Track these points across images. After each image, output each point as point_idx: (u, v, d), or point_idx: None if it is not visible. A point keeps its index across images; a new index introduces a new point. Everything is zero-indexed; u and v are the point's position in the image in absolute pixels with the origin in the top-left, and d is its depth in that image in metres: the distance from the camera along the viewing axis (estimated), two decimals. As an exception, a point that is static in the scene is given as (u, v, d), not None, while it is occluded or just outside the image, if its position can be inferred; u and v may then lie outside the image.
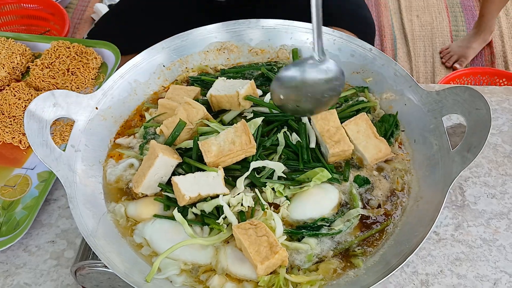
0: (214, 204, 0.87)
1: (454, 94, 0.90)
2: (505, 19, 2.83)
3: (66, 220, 1.01)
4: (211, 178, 0.88)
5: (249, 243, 0.80)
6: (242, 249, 0.83)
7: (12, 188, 1.05)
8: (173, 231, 0.87)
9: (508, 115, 1.20)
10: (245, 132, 0.90)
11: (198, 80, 1.11)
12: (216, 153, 0.89)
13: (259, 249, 0.80)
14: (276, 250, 0.80)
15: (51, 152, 0.85)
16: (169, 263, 0.84)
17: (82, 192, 0.88)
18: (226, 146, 0.89)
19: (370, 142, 0.97)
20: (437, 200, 0.81)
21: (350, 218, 0.89)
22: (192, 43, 1.12)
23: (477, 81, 2.30)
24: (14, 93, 1.20)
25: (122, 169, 0.97)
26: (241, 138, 0.89)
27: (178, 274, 0.83)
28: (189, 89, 1.05)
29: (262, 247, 0.80)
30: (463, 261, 0.94)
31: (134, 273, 0.80)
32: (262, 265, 0.78)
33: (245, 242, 0.80)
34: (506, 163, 1.10)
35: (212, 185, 0.87)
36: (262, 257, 0.79)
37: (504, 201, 1.03)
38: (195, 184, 0.87)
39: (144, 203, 0.92)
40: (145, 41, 1.12)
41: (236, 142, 0.89)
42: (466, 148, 0.83)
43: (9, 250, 0.97)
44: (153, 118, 1.03)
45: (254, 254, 0.79)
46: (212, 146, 0.89)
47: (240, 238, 0.81)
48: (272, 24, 1.14)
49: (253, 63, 1.16)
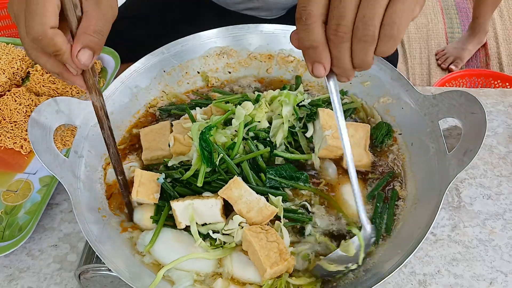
0: (209, 228, 0.87)
1: (450, 98, 0.91)
2: (500, 20, 2.86)
3: (69, 224, 1.02)
4: (209, 207, 0.86)
5: (259, 247, 0.81)
6: (249, 251, 0.84)
7: (15, 193, 1.05)
8: (176, 240, 0.87)
9: (503, 117, 1.21)
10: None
11: (166, 111, 1.10)
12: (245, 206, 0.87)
13: (269, 254, 0.81)
14: (285, 258, 0.81)
15: (55, 158, 0.86)
16: (181, 275, 0.83)
17: (86, 198, 0.89)
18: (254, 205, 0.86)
19: (356, 149, 0.98)
20: (434, 202, 0.83)
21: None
22: (191, 48, 1.13)
23: (472, 83, 2.33)
24: (14, 98, 1.21)
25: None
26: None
27: (192, 285, 0.83)
28: (159, 128, 1.03)
29: (272, 252, 0.81)
30: (460, 261, 0.95)
31: (139, 277, 0.81)
32: (271, 269, 0.79)
33: (256, 244, 0.81)
34: (501, 164, 1.11)
35: (209, 214, 0.86)
36: (271, 262, 0.80)
37: (500, 202, 1.05)
38: (192, 211, 0.86)
39: (150, 208, 0.92)
40: (145, 48, 1.13)
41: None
42: (462, 152, 0.85)
43: (13, 254, 0.98)
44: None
45: (264, 257, 0.80)
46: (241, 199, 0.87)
47: (251, 240, 0.81)
48: (271, 29, 1.15)
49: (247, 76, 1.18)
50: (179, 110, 1.09)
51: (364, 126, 1.00)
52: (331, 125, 0.96)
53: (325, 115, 0.98)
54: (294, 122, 1.01)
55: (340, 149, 0.95)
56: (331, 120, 0.97)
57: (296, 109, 1.01)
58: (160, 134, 1.01)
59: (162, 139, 1.00)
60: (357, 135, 0.99)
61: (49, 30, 0.67)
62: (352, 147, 0.96)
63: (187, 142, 0.96)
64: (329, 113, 0.99)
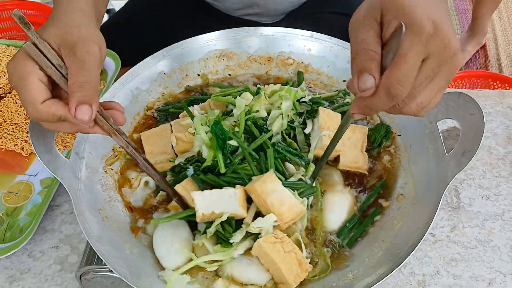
0: (218, 221, 0.84)
1: (448, 99, 0.92)
2: (499, 21, 2.87)
3: (69, 226, 1.03)
4: (227, 197, 0.84)
5: (279, 259, 0.79)
6: (267, 263, 0.82)
7: (15, 194, 1.06)
8: (174, 235, 0.88)
9: (502, 118, 1.22)
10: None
11: (164, 111, 1.11)
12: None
13: (290, 267, 0.80)
14: (306, 268, 0.81)
15: (56, 160, 0.87)
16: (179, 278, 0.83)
17: (87, 199, 0.90)
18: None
19: (352, 151, 0.98)
20: (433, 203, 0.83)
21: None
22: (192, 51, 1.14)
23: (471, 84, 2.33)
24: (15, 100, 1.22)
25: (141, 191, 0.98)
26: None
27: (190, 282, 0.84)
28: (160, 131, 1.03)
29: (292, 265, 0.80)
30: (459, 262, 0.96)
31: (140, 278, 0.81)
32: (295, 284, 0.80)
33: (276, 258, 0.79)
34: (500, 165, 1.12)
35: (227, 204, 0.84)
36: (294, 275, 0.80)
37: (498, 202, 1.05)
38: (211, 201, 0.84)
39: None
40: (145, 52, 1.14)
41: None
42: (461, 152, 0.85)
43: (14, 255, 0.98)
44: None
45: (286, 271, 0.79)
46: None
47: (270, 254, 0.79)
48: (270, 32, 1.16)
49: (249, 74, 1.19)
50: (176, 108, 1.09)
51: (362, 128, 1.01)
52: (329, 125, 0.97)
53: (325, 115, 0.98)
54: (294, 117, 1.01)
55: (336, 151, 0.96)
56: (330, 120, 0.98)
57: (296, 104, 1.01)
58: (162, 137, 1.01)
59: (164, 141, 1.01)
60: (354, 137, 1.00)
61: (40, 107, 0.69)
62: (348, 149, 0.98)
63: (189, 138, 0.96)
64: (329, 114, 0.99)
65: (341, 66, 1.12)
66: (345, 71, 1.12)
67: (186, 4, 1.53)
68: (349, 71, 1.10)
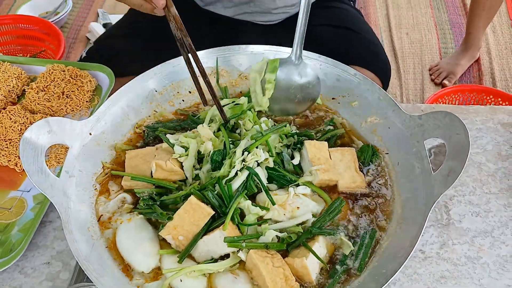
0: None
1: (435, 119, 0.93)
2: (492, 36, 2.88)
3: (62, 242, 1.03)
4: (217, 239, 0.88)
5: (266, 272, 0.82)
6: (255, 274, 0.85)
7: (8, 210, 1.06)
8: (140, 239, 0.91)
9: (493, 134, 1.22)
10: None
11: (153, 129, 1.11)
12: None
13: (276, 280, 0.82)
14: (291, 284, 0.83)
15: (46, 178, 0.88)
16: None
17: (76, 217, 0.90)
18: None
19: (348, 172, 1.00)
20: (419, 222, 0.84)
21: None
22: (183, 69, 1.13)
23: (465, 98, 2.34)
24: (10, 116, 1.22)
25: (114, 204, 0.99)
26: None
27: None
28: (145, 154, 1.03)
29: (278, 278, 0.83)
30: (448, 279, 0.96)
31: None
32: None
33: (263, 269, 0.82)
34: (490, 181, 1.12)
35: (221, 246, 0.88)
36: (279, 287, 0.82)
37: (488, 219, 1.05)
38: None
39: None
40: (141, 63, 1.15)
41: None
42: (446, 172, 0.86)
43: (5, 272, 0.98)
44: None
45: (271, 283, 0.82)
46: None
47: (258, 265, 0.83)
48: (260, 50, 1.17)
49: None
50: (166, 128, 1.10)
51: (350, 150, 1.03)
52: (320, 157, 0.99)
53: (312, 148, 1.00)
54: (282, 149, 1.03)
55: (333, 180, 0.98)
56: (319, 152, 1.00)
57: (282, 136, 1.04)
58: (145, 161, 1.02)
59: (145, 166, 1.01)
60: (345, 159, 1.02)
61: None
62: (344, 171, 0.99)
63: (169, 167, 0.97)
64: (315, 145, 1.01)
65: (330, 83, 1.13)
66: (334, 89, 1.13)
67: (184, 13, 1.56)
68: (337, 89, 1.13)
